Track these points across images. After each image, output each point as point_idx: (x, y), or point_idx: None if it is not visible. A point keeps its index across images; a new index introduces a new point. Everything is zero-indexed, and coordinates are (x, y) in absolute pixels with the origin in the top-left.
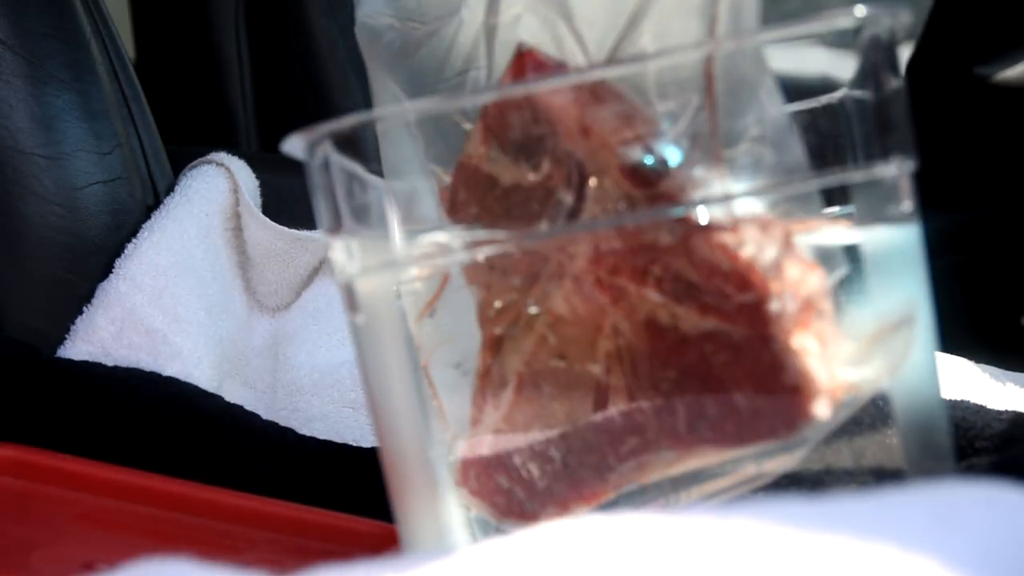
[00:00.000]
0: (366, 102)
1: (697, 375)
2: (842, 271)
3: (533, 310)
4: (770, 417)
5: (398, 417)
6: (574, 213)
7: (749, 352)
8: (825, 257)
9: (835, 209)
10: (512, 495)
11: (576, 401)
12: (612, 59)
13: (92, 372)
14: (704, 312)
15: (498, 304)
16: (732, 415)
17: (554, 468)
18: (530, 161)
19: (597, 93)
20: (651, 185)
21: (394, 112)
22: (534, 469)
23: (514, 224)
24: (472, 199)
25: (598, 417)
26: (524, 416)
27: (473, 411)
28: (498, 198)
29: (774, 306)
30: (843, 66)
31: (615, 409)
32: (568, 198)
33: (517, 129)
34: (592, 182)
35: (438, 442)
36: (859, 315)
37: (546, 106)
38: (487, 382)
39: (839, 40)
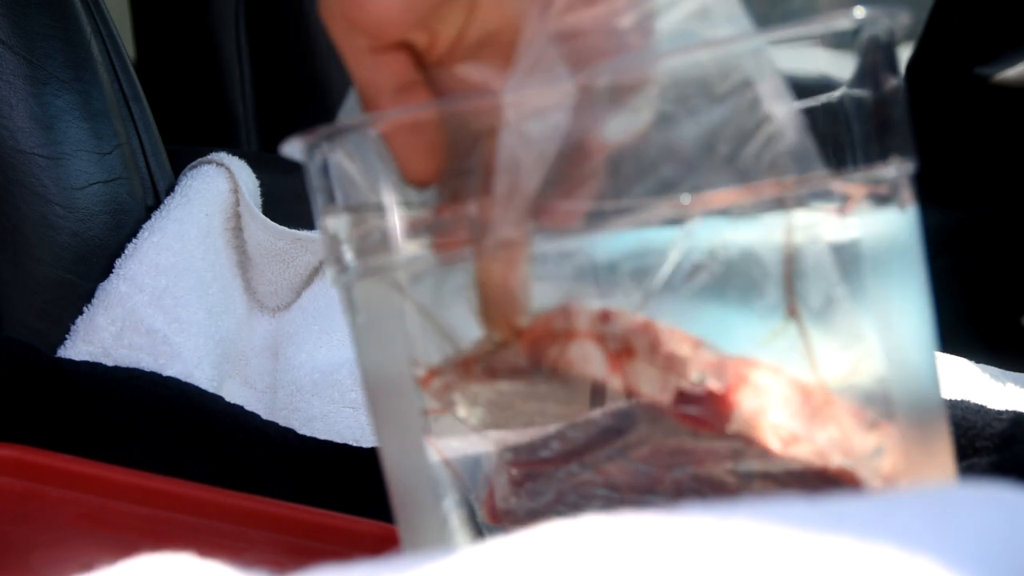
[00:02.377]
0: None
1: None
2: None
3: (577, 471)
4: None
5: (397, 419)
6: (616, 432)
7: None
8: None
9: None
10: None
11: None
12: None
13: (92, 373)
14: (774, 481)
15: (534, 483)
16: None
17: None
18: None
19: (628, 345)
20: (710, 426)
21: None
22: None
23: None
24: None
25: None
26: (565, 509)
27: (502, 488)
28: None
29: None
30: (842, 67)
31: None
32: (611, 423)
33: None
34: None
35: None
36: (859, 316)
37: (573, 365)
38: (517, 483)
39: (838, 41)
